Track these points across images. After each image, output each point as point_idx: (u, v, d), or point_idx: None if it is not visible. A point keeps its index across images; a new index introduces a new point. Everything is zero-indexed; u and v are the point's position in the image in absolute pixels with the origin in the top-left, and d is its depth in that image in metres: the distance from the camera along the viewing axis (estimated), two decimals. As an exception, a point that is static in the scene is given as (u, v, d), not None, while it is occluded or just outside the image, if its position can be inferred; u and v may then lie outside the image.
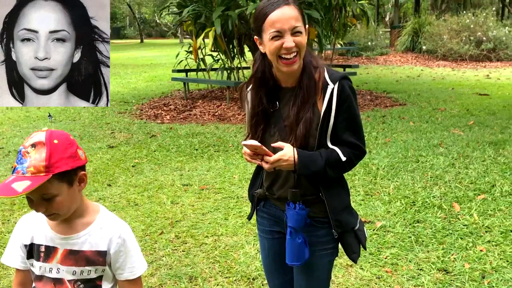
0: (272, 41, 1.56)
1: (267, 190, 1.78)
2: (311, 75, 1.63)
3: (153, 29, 56.52)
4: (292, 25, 1.54)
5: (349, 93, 1.61)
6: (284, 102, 1.68)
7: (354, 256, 1.72)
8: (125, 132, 7.14)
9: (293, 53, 1.56)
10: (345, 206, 1.70)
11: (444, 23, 17.48)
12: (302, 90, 1.62)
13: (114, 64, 20.45)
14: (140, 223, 3.81)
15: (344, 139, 1.63)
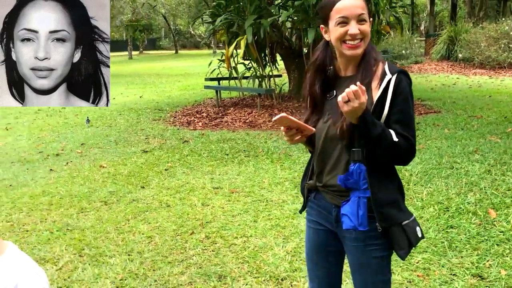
0: (338, 27, 1.62)
1: (317, 179, 1.77)
2: (369, 62, 1.66)
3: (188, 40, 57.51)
4: (358, 12, 1.60)
5: (406, 87, 1.62)
6: (342, 90, 1.66)
7: (401, 252, 1.65)
8: (159, 137, 7.28)
9: (357, 40, 1.61)
10: (392, 201, 1.66)
11: (482, 30, 17.07)
12: (358, 74, 1.65)
13: (149, 74, 20.93)
14: (171, 223, 3.87)
15: (395, 131, 1.61)
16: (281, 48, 9.98)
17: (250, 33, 8.43)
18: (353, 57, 1.65)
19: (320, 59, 1.74)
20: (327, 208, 1.76)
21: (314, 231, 1.84)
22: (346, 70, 1.72)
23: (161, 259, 3.25)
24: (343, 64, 1.72)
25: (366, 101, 1.53)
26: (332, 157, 1.69)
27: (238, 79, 10.47)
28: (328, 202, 1.75)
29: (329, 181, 1.71)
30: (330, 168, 1.71)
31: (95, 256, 3.36)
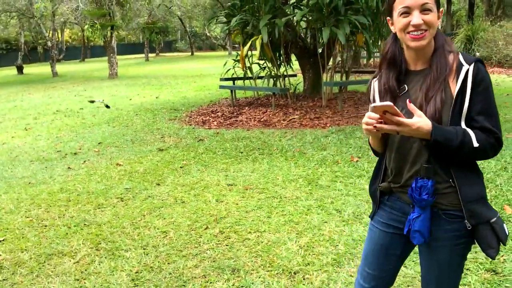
0: (401, 18, 1.57)
1: (393, 179, 1.71)
2: (442, 55, 1.59)
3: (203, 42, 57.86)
4: (421, 2, 1.54)
5: (485, 76, 1.55)
6: (413, 85, 1.64)
7: (491, 251, 1.56)
8: (174, 136, 7.36)
9: (421, 30, 1.55)
10: (480, 197, 1.58)
11: (500, 29, 16.85)
12: (432, 70, 1.58)
13: (166, 75, 21.11)
14: (186, 219, 3.92)
15: (478, 124, 1.54)
16: (296, 47, 10.00)
17: (265, 33, 8.47)
18: (418, 48, 1.58)
19: (391, 53, 1.68)
20: (402, 208, 1.71)
21: (381, 233, 1.78)
22: (416, 63, 1.65)
23: (176, 253, 3.31)
24: (411, 57, 1.65)
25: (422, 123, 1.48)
26: (410, 155, 1.63)
27: (253, 79, 10.52)
28: (404, 203, 1.70)
29: (409, 180, 1.65)
30: (409, 166, 1.64)
31: (111, 250, 3.43)
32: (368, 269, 1.81)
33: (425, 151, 1.58)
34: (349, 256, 3.14)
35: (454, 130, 1.52)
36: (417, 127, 1.49)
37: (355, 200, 4.15)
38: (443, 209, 1.60)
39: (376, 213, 1.80)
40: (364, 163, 5.25)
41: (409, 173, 1.64)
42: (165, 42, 56.62)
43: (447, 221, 1.60)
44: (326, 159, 5.54)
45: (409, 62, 1.66)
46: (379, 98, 1.72)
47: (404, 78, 1.66)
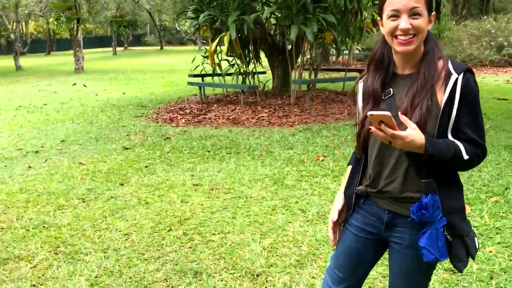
0: (389, 21, 1.53)
1: (371, 184, 1.68)
2: (432, 62, 1.55)
3: (173, 37, 57.21)
4: (411, 6, 1.49)
5: (474, 87, 1.52)
6: (398, 89, 1.60)
7: (460, 264, 1.57)
8: (141, 134, 7.24)
9: (409, 35, 1.51)
10: (460, 209, 1.58)
11: (465, 28, 17.28)
12: (420, 76, 1.54)
13: (134, 70, 20.78)
14: (149, 220, 3.86)
15: (466, 136, 1.52)
16: (265, 44, 9.98)
17: (233, 29, 8.41)
18: (405, 54, 1.55)
19: (379, 54, 1.65)
20: (377, 214, 1.69)
21: (354, 236, 1.76)
22: (404, 67, 1.61)
23: (137, 256, 3.24)
24: (399, 60, 1.61)
25: (416, 136, 1.45)
26: (390, 161, 1.61)
27: (222, 76, 10.44)
28: (380, 208, 1.67)
29: (386, 187, 1.62)
30: (388, 173, 1.62)
31: (70, 253, 3.33)
32: (338, 271, 1.80)
33: (405, 158, 1.56)
34: (312, 257, 3.15)
35: (446, 143, 1.50)
36: (411, 140, 1.45)
37: (319, 199, 4.17)
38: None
39: (351, 216, 1.78)
40: (329, 162, 5.28)
41: (387, 180, 1.63)
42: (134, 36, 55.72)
43: (419, 230, 1.58)
44: (292, 158, 5.55)
45: (397, 66, 1.63)
46: (362, 100, 1.69)
47: (390, 82, 1.63)
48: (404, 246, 1.63)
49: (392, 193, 1.62)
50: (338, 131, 6.80)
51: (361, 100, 1.71)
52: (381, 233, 1.69)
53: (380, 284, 2.80)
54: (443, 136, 1.53)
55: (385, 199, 1.65)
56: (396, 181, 1.61)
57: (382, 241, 1.72)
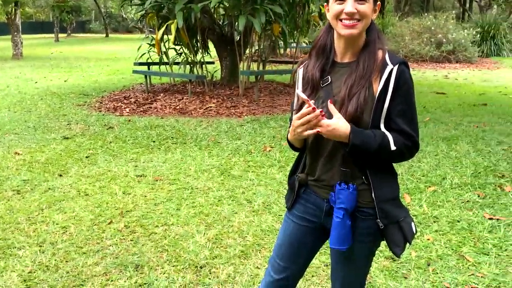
0: (335, 4, 1.53)
1: (309, 173, 1.69)
2: (372, 52, 1.55)
3: (119, 24, 55.48)
4: None
5: (408, 78, 1.54)
6: (337, 77, 1.60)
7: (397, 249, 1.59)
8: (82, 123, 6.95)
9: (354, 20, 1.50)
10: (393, 197, 1.60)
11: (407, 24, 17.87)
12: (359, 65, 1.54)
13: (77, 57, 19.98)
14: (89, 212, 3.70)
15: (397, 126, 1.54)
16: (213, 34, 9.85)
17: (180, 18, 8.23)
18: (348, 38, 1.53)
19: (322, 41, 1.64)
20: (317, 203, 1.69)
21: (295, 225, 1.75)
22: (344, 55, 1.61)
23: (75, 250, 3.10)
24: (340, 48, 1.60)
25: (339, 125, 1.47)
26: (326, 149, 1.61)
27: (169, 65, 10.23)
28: (319, 197, 1.68)
29: (323, 175, 1.63)
30: (324, 161, 1.62)
31: (2, 248, 3.14)
32: (280, 260, 1.79)
33: (340, 147, 1.56)
34: (257, 247, 3.14)
35: (373, 133, 1.51)
36: (333, 128, 1.47)
37: (265, 190, 4.17)
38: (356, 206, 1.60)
39: (292, 205, 1.77)
40: (276, 152, 5.29)
41: (324, 169, 1.63)
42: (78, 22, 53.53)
43: (359, 219, 1.60)
44: (240, 148, 5.52)
45: (337, 53, 1.62)
46: (302, 86, 1.68)
47: (329, 70, 1.62)
48: None
49: (329, 181, 1.62)
50: (285, 122, 6.83)
51: (300, 85, 1.70)
52: (321, 221, 1.70)
53: (323, 273, 2.84)
54: (376, 127, 1.54)
55: (323, 188, 1.66)
56: (332, 169, 1.61)
57: (323, 229, 1.72)
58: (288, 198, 1.80)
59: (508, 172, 4.55)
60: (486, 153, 5.18)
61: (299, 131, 1.53)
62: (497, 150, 5.29)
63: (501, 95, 9.61)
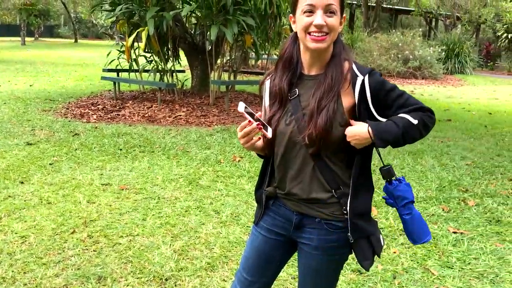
0: (304, 16, 1.50)
1: (278, 186, 1.65)
2: (339, 64, 1.55)
3: (89, 30, 54.58)
4: (326, 2, 1.48)
5: (382, 80, 1.54)
6: (304, 90, 1.59)
7: (366, 263, 1.60)
8: (47, 129, 6.76)
9: (322, 33, 1.49)
10: (366, 211, 1.59)
11: (375, 40, 18.27)
12: (327, 78, 1.53)
13: (44, 62, 19.51)
14: (51, 221, 3.58)
15: (405, 112, 1.53)
16: (185, 43, 9.80)
17: (151, 25, 8.15)
18: (317, 51, 1.53)
19: (288, 53, 1.62)
20: (286, 215, 1.66)
21: (263, 238, 1.72)
22: (310, 68, 1.59)
23: (35, 261, 2.98)
24: (307, 60, 1.59)
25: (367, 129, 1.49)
26: (295, 163, 1.58)
27: (139, 72, 10.10)
28: (289, 210, 1.65)
29: (293, 188, 1.60)
30: (294, 174, 1.59)
31: (-44, 258, 2.99)
32: (247, 274, 1.75)
33: (310, 160, 1.55)
34: (224, 259, 3.09)
35: (390, 121, 1.52)
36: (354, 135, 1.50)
37: (234, 200, 4.13)
38: (325, 218, 1.59)
39: (261, 218, 1.74)
40: (245, 163, 5.27)
41: (293, 182, 1.61)
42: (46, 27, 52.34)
43: (328, 231, 1.59)
44: (209, 158, 5.47)
45: (303, 66, 1.61)
46: (269, 99, 1.67)
47: (296, 82, 1.61)
48: (313, 247, 1.62)
49: (299, 194, 1.60)
50: (255, 133, 6.82)
51: (267, 99, 1.69)
52: (290, 234, 1.68)
53: (290, 286, 2.81)
54: None
55: (293, 201, 1.64)
56: (302, 182, 1.60)
57: (291, 242, 1.70)
58: (256, 213, 1.77)
59: (472, 187, 4.67)
60: (451, 168, 5.31)
61: (242, 143, 1.58)
62: (461, 165, 5.43)
63: (465, 111, 9.91)
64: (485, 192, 4.53)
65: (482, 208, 4.12)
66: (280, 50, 1.70)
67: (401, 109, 1.54)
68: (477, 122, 8.56)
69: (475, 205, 4.19)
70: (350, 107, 1.54)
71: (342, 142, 1.53)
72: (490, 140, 6.89)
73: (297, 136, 1.55)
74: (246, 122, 1.51)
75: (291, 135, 1.56)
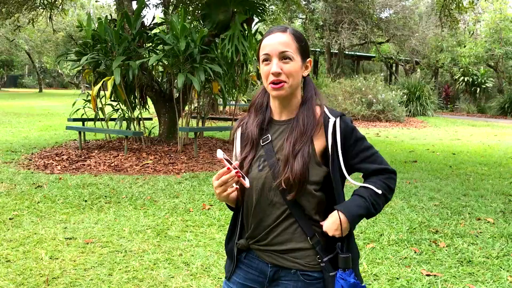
0: (263, 65, 1.54)
1: (250, 236, 1.60)
2: (310, 109, 1.56)
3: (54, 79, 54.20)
4: (280, 49, 1.51)
5: (353, 127, 1.56)
6: (276, 135, 1.59)
7: None
8: (7, 182, 6.50)
9: (280, 80, 1.51)
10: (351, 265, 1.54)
11: (339, 85, 18.79)
12: (299, 122, 1.54)
13: (6, 113, 19.07)
14: (9, 281, 3.36)
15: (369, 170, 1.56)
16: (151, 91, 9.80)
17: (118, 74, 8.14)
18: (279, 98, 1.56)
19: (259, 99, 1.65)
20: (259, 268, 1.60)
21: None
22: (280, 114, 1.61)
23: (-10, 326, 2.77)
24: (276, 106, 1.61)
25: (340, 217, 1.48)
26: (269, 211, 1.54)
27: (105, 121, 9.98)
28: (263, 262, 1.59)
29: (267, 239, 1.56)
30: (269, 225, 1.55)
31: None
32: None
33: (286, 207, 1.52)
34: (195, 314, 2.95)
35: (357, 195, 1.54)
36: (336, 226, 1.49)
37: (204, 251, 4.01)
38: (301, 270, 1.53)
39: (233, 272, 1.66)
40: (215, 211, 5.17)
41: (269, 231, 1.56)
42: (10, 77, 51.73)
43: (304, 283, 1.53)
44: (178, 207, 5.35)
45: (273, 112, 1.63)
46: (241, 144, 1.65)
47: (267, 127, 1.61)
48: None
49: (275, 245, 1.56)
50: (225, 180, 6.75)
51: (239, 145, 1.67)
52: (262, 287, 1.61)
53: None
54: (342, 177, 1.54)
55: (267, 252, 1.58)
56: (278, 233, 1.55)
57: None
58: (227, 267, 1.70)
59: (441, 227, 4.70)
60: (420, 209, 5.36)
61: (218, 192, 1.51)
62: (430, 206, 5.49)
63: (429, 153, 10.16)
64: (455, 232, 4.57)
65: (453, 249, 4.13)
66: (253, 97, 1.71)
67: (364, 163, 1.56)
68: (442, 162, 8.77)
69: (446, 246, 4.21)
70: (321, 151, 1.55)
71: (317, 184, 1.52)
72: (455, 180, 7.03)
73: (272, 182, 1.52)
74: (224, 170, 1.46)
75: (265, 180, 1.54)
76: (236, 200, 1.64)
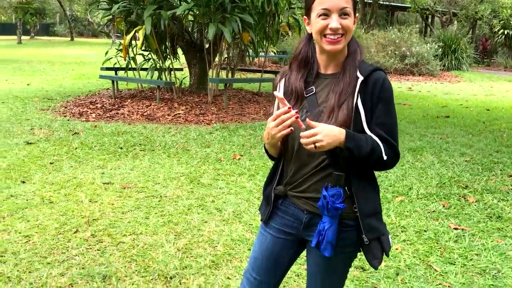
0: (319, 19, 1.53)
1: (289, 183, 1.66)
2: (355, 61, 1.58)
3: (85, 28, 54.36)
4: (341, 5, 1.52)
5: (385, 87, 1.55)
6: (321, 87, 1.62)
7: (375, 262, 1.61)
8: (46, 128, 6.75)
9: (338, 35, 1.53)
10: (377, 211, 1.60)
11: (372, 37, 18.27)
12: (346, 74, 1.56)
13: (40, 61, 19.45)
14: (53, 221, 3.58)
15: (379, 136, 1.54)
16: (182, 41, 9.79)
17: (149, 24, 8.14)
18: (333, 52, 1.57)
19: (303, 53, 1.65)
20: (295, 214, 1.66)
21: (272, 238, 1.73)
22: (327, 67, 1.63)
23: (39, 260, 2.99)
24: (324, 60, 1.62)
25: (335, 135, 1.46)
26: (308, 159, 1.59)
27: (137, 70, 10.08)
28: (299, 209, 1.65)
29: (305, 186, 1.61)
30: (307, 172, 1.60)
31: (-40, 259, 2.99)
32: (256, 274, 1.76)
33: (324, 157, 1.56)
34: (228, 257, 3.10)
35: (364, 138, 1.52)
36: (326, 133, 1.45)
37: (235, 198, 4.15)
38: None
39: (269, 217, 1.74)
40: (246, 161, 5.28)
41: (306, 179, 1.61)
42: (42, 25, 52.12)
43: (340, 230, 1.59)
44: (209, 156, 5.48)
45: (320, 65, 1.64)
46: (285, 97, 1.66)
47: (313, 80, 1.64)
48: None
49: (311, 192, 1.62)
50: (255, 131, 6.84)
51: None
52: (299, 233, 1.69)
53: (294, 283, 2.83)
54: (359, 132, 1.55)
55: (303, 199, 1.64)
56: (314, 179, 1.61)
57: (301, 241, 1.72)
58: (263, 210, 1.77)
59: (471, 183, 4.69)
60: (450, 164, 5.34)
61: (273, 133, 1.52)
62: (460, 162, 5.45)
63: (463, 108, 9.94)
64: (485, 188, 4.56)
65: (483, 205, 4.15)
66: (294, 51, 1.72)
67: (379, 127, 1.54)
68: (475, 118, 8.60)
69: (475, 201, 4.22)
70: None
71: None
72: (488, 136, 6.92)
73: None
74: (285, 109, 1.48)
75: (307, 129, 1.55)
76: (280, 149, 1.69)
